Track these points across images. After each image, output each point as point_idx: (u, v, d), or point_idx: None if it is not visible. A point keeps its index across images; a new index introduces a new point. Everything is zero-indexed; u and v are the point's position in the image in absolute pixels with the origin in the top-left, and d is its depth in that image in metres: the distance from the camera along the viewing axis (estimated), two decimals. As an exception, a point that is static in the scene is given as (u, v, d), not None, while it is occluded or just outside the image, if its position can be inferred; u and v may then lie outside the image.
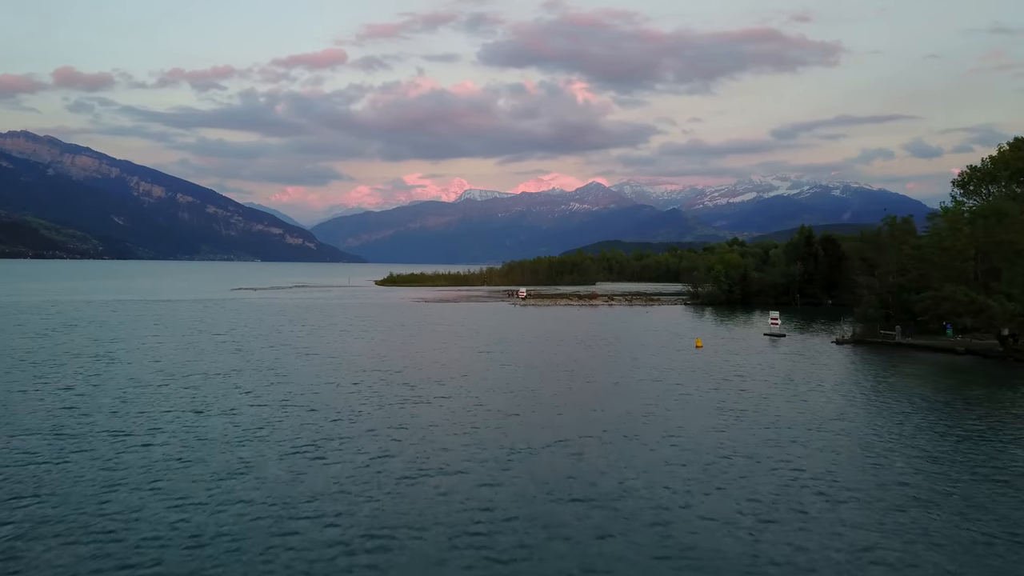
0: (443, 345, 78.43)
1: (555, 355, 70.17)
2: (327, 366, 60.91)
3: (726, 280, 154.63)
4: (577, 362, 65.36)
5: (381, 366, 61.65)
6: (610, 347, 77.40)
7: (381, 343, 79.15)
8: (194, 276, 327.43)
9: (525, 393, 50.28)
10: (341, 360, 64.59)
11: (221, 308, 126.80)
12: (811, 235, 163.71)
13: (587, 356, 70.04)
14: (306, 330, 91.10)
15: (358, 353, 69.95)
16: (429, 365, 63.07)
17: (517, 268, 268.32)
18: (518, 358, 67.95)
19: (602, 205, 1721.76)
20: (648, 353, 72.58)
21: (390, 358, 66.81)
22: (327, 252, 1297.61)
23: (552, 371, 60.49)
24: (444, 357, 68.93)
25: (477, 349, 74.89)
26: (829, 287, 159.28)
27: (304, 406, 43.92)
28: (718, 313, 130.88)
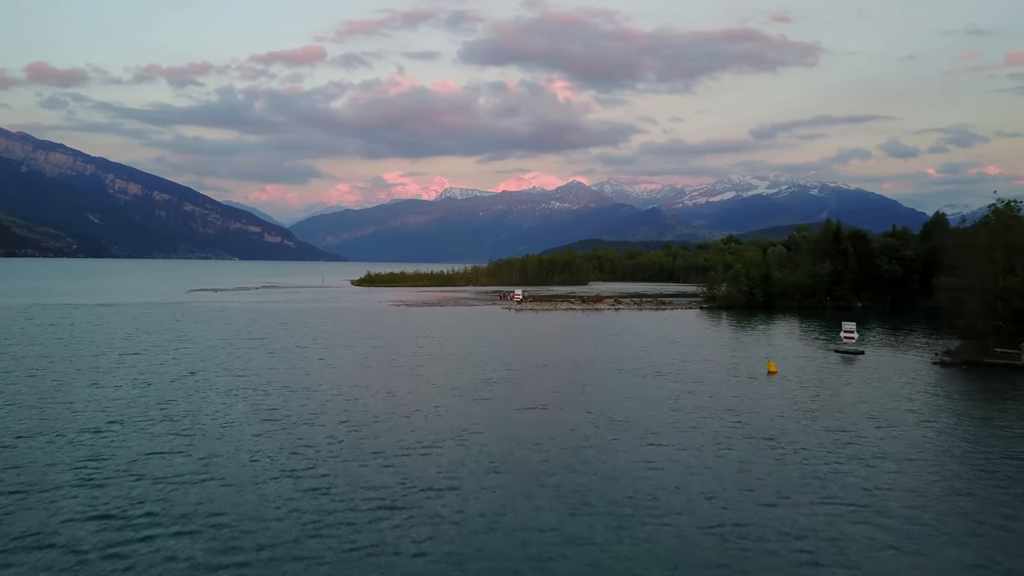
0: (426, 373, 57.38)
1: (586, 391, 49.50)
2: (251, 421, 39.73)
3: (747, 281, 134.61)
4: (629, 406, 44.67)
5: (337, 415, 40.65)
6: (655, 374, 56.84)
7: (343, 372, 57.97)
8: (159, 276, 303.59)
9: (572, 490, 29.39)
10: (278, 405, 43.52)
11: (161, 314, 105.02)
12: (839, 231, 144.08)
13: (632, 392, 49.27)
14: (250, 349, 69.62)
15: (306, 389, 48.86)
16: (406, 414, 42.05)
17: (505, 267, 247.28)
18: (534, 396, 47.21)
19: (582, 204, 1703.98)
20: (712, 384, 52.25)
21: (352, 399, 45.84)
22: (306, 250, 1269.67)
23: (595, 427, 39.68)
24: (428, 397, 47.87)
25: (472, 382, 53.90)
26: (857, 288, 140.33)
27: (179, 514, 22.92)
28: (744, 320, 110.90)
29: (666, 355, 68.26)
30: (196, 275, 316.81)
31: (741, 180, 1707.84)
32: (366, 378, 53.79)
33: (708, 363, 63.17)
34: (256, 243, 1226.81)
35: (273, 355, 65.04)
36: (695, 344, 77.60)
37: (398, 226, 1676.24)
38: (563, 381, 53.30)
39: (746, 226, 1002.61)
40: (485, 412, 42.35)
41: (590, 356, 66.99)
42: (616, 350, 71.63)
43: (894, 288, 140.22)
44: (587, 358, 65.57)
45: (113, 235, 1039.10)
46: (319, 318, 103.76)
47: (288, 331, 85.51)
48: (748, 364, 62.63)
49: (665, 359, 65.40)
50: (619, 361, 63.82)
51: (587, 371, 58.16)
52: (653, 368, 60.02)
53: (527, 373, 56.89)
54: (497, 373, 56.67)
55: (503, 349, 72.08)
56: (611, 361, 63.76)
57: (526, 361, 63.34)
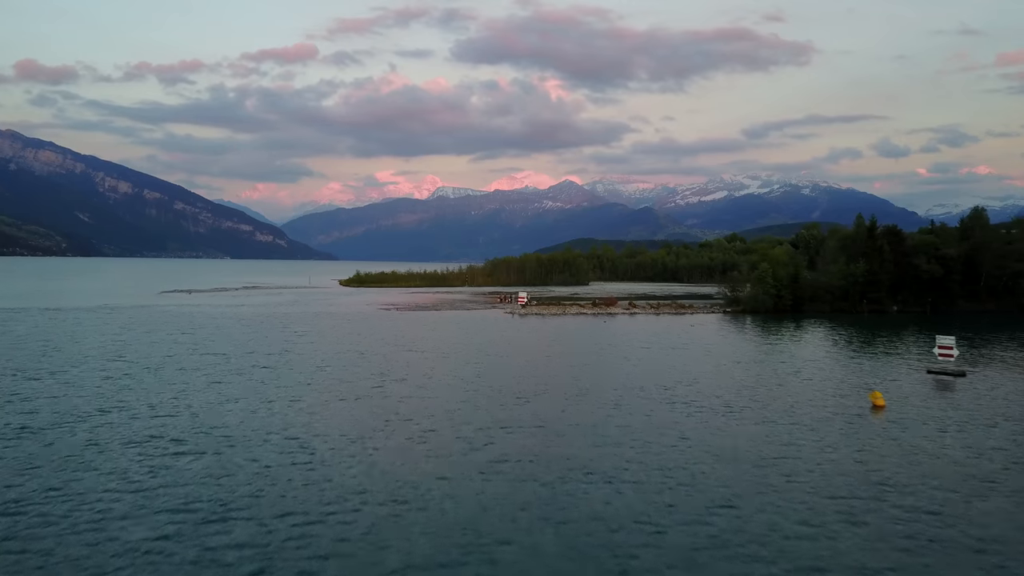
0: (418, 413, 42.69)
1: (645, 443, 34.84)
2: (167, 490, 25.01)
3: (774, 282, 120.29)
4: (715, 473, 30.10)
5: (288, 487, 25.87)
6: (723, 407, 42.38)
7: (312, 405, 43.22)
8: (139, 275, 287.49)
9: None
10: (212, 464, 28.79)
11: (112, 321, 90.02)
12: (874, 226, 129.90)
13: (708, 441, 34.65)
14: (200, 371, 54.80)
15: (252, 432, 34.02)
16: (389, 498, 27.39)
17: (502, 267, 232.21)
18: (577, 454, 32.53)
19: (575, 203, 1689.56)
20: (809, 426, 37.78)
21: (309, 463, 31.01)
22: (298, 249, 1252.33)
23: (700, 523, 25.08)
24: (421, 463, 33.22)
25: (483, 427, 39.27)
26: (893, 290, 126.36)
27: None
28: (777, 326, 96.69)
29: (718, 376, 53.83)
30: (179, 275, 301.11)
31: (733, 180, 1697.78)
32: (336, 423, 39.06)
33: (781, 389, 48.80)
34: (247, 242, 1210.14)
35: (211, 386, 50.14)
36: (745, 360, 63.12)
37: (390, 225, 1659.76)
38: (608, 423, 38.77)
39: (738, 225, 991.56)
40: (511, 488, 27.75)
41: (627, 378, 52.50)
42: (654, 368, 57.18)
43: (933, 290, 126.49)
44: (625, 381, 51.08)
45: (103, 234, 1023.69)
46: (295, 326, 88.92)
47: (251, 344, 70.61)
48: (833, 391, 48.30)
49: (722, 383, 50.97)
50: (667, 386, 49.36)
51: (633, 402, 43.68)
52: (715, 397, 45.61)
53: (555, 408, 42.37)
54: (514, 411, 42.07)
55: (516, 369, 57.48)
56: (657, 386, 49.29)
57: (549, 386, 48.85)
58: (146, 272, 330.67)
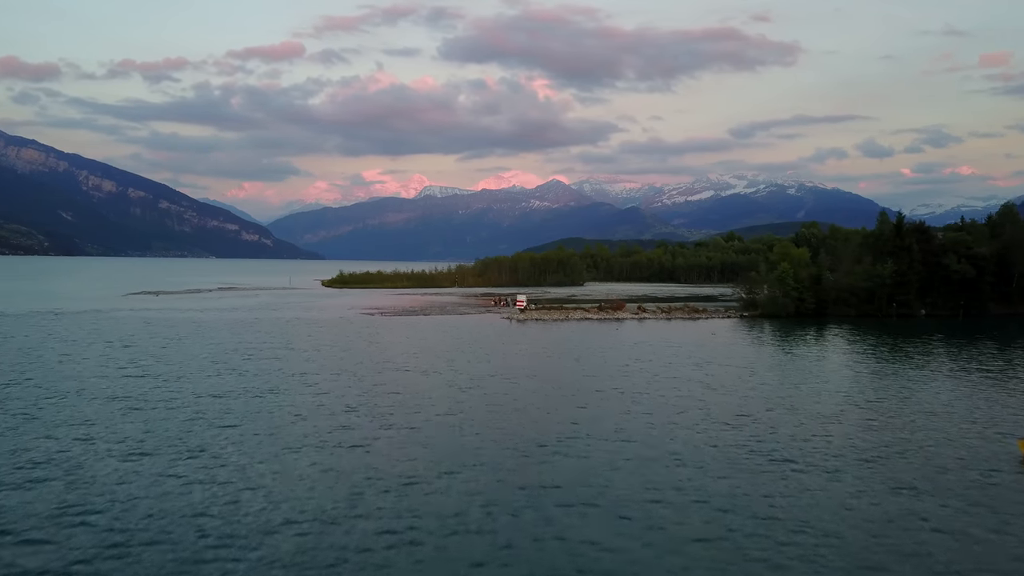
0: (400, 466, 30.58)
1: (728, 528, 22.74)
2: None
3: (795, 284, 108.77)
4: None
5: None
6: (825, 463, 30.43)
7: (243, 469, 30.93)
8: (112, 275, 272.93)
9: None
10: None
11: (50, 328, 77.15)
12: (901, 223, 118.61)
13: (818, 517, 22.56)
14: (128, 403, 42.33)
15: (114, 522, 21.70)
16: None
17: (494, 266, 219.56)
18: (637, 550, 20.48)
19: (562, 203, 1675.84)
20: (946, 486, 25.71)
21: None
22: (284, 248, 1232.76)
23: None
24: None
25: (496, 496, 27.10)
26: (921, 292, 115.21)
27: None
28: (805, 332, 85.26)
29: (792, 412, 41.86)
30: (155, 275, 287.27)
31: (720, 179, 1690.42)
32: (278, 505, 26.79)
33: (890, 433, 36.90)
34: (233, 241, 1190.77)
35: (204, 407, 37.72)
36: (809, 383, 51.23)
37: (377, 224, 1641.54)
38: (680, 490, 26.68)
39: (725, 225, 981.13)
40: None
41: (670, 407, 40.47)
42: (697, 390, 45.21)
43: (963, 292, 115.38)
44: (670, 414, 39.05)
45: (86, 233, 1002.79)
46: (261, 335, 76.40)
47: (194, 362, 58.09)
48: (946, 431, 36.45)
49: (802, 423, 39.06)
50: (729, 429, 37.37)
51: (698, 457, 31.65)
52: (809, 448, 33.60)
53: (584, 454, 30.28)
54: (532, 459, 29.89)
55: (525, 394, 45.33)
56: (716, 426, 37.31)
57: (578, 427, 36.72)
58: (122, 272, 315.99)
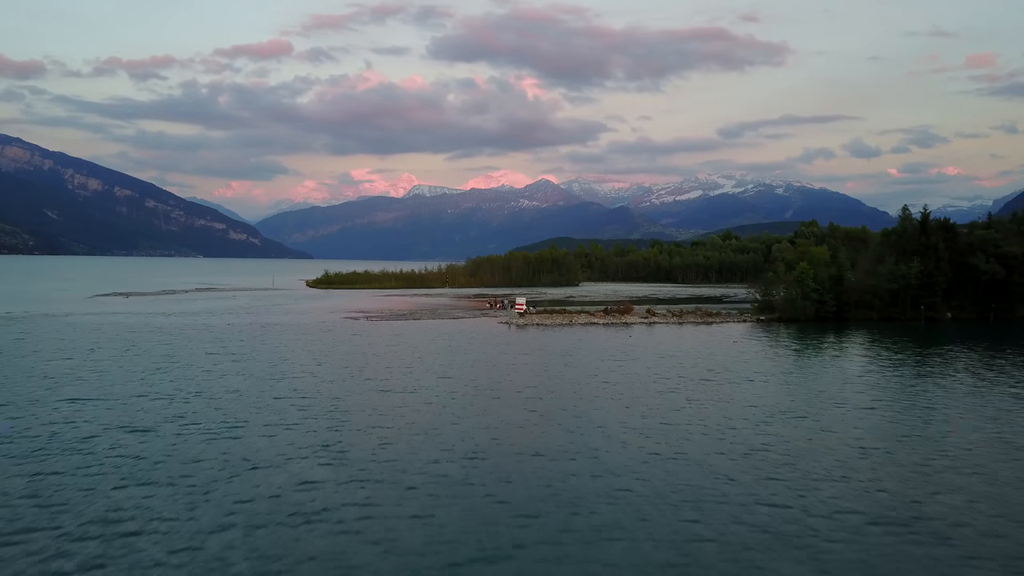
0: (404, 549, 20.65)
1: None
2: None
3: (815, 286, 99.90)
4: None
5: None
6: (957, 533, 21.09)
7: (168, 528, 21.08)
8: (89, 275, 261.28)
9: None
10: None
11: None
12: (927, 220, 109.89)
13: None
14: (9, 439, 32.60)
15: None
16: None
17: (486, 266, 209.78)
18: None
19: (551, 202, 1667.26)
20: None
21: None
22: (272, 248, 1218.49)
23: None
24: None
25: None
26: (947, 294, 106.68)
27: None
28: (831, 338, 76.45)
29: (899, 447, 32.64)
30: (134, 275, 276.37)
31: (708, 179, 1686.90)
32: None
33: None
34: (221, 240, 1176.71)
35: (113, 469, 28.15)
36: (888, 410, 42.06)
37: (366, 224, 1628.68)
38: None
39: (713, 224, 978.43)
40: None
41: (724, 446, 31.17)
42: (745, 421, 35.91)
43: (991, 294, 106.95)
44: (738, 467, 29.77)
45: (72, 232, 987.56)
46: (228, 344, 66.64)
47: (137, 378, 48.37)
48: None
49: (912, 469, 29.85)
50: (815, 482, 28.09)
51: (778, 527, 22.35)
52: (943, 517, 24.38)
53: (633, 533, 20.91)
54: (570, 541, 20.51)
55: (539, 429, 35.87)
56: (799, 479, 28.01)
57: (603, 470, 27.35)
58: (102, 272, 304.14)
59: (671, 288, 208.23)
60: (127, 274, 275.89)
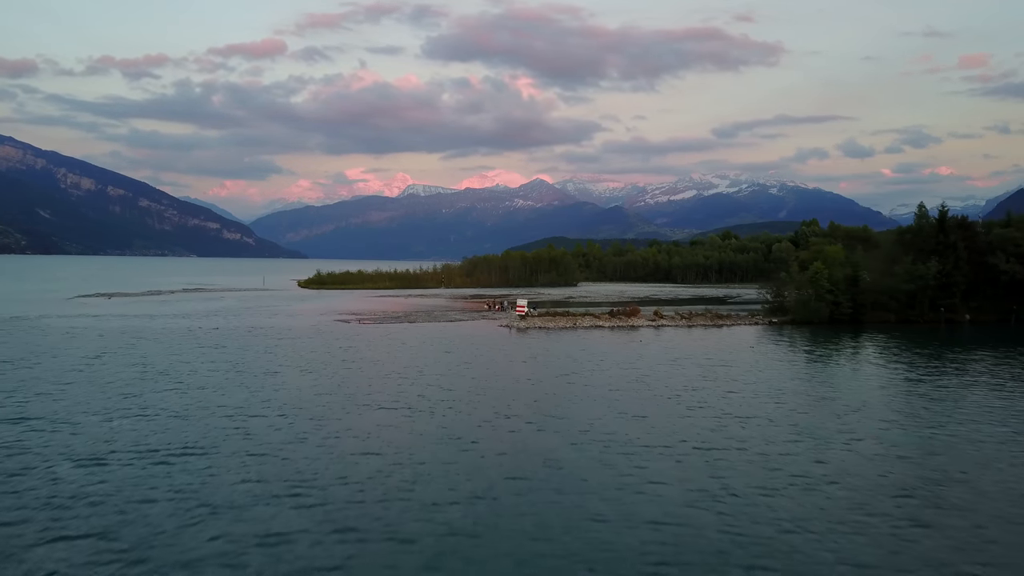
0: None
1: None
2: None
3: (830, 286, 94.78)
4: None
5: None
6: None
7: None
8: (77, 275, 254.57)
9: None
10: None
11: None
12: (945, 218, 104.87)
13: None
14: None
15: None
16: None
17: (482, 265, 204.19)
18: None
19: (546, 202, 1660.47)
20: None
21: None
22: (266, 247, 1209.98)
23: None
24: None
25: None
26: (965, 295, 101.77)
27: None
28: (853, 343, 71.38)
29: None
30: (125, 274, 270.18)
31: (702, 179, 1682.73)
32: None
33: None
34: (215, 240, 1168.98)
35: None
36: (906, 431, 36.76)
37: (360, 223, 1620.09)
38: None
39: (707, 224, 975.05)
40: None
41: (763, 477, 25.82)
42: (788, 445, 30.58)
43: (1012, 295, 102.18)
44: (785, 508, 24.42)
45: (65, 231, 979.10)
46: (207, 351, 61.08)
47: (104, 389, 42.85)
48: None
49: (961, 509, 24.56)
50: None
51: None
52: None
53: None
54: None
55: (554, 455, 30.46)
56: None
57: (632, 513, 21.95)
58: (91, 271, 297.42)
59: (671, 288, 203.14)
60: (116, 274, 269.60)
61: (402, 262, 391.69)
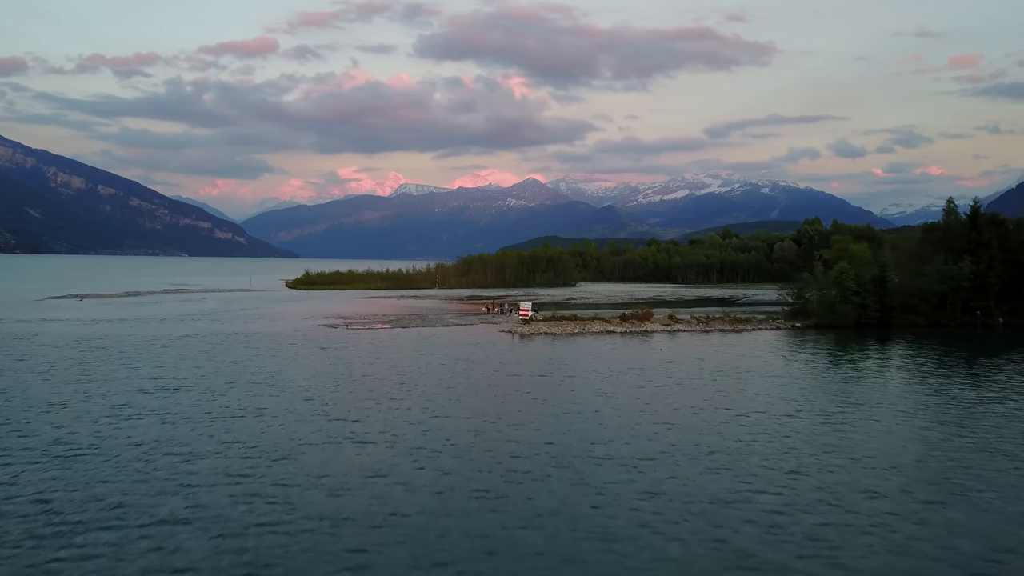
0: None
1: None
2: None
3: (857, 288, 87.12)
4: None
5: None
6: None
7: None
8: (57, 275, 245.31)
9: None
10: None
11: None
12: (977, 214, 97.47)
13: None
14: None
15: None
16: None
17: (478, 265, 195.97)
18: None
19: (538, 201, 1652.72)
20: None
21: None
22: (258, 247, 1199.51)
23: None
24: None
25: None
26: (999, 296, 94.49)
27: None
28: (885, 351, 63.57)
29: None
30: (109, 274, 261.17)
31: (694, 178, 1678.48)
32: None
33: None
34: (206, 239, 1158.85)
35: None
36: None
37: (352, 222, 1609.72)
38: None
39: (699, 224, 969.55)
40: None
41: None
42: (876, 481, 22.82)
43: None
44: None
45: (55, 230, 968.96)
46: (173, 362, 52.87)
47: (33, 419, 34.60)
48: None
49: None
50: None
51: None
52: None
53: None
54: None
55: (588, 503, 22.43)
56: None
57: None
58: (74, 271, 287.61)
59: (673, 288, 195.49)
60: (100, 274, 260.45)
61: (394, 261, 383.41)
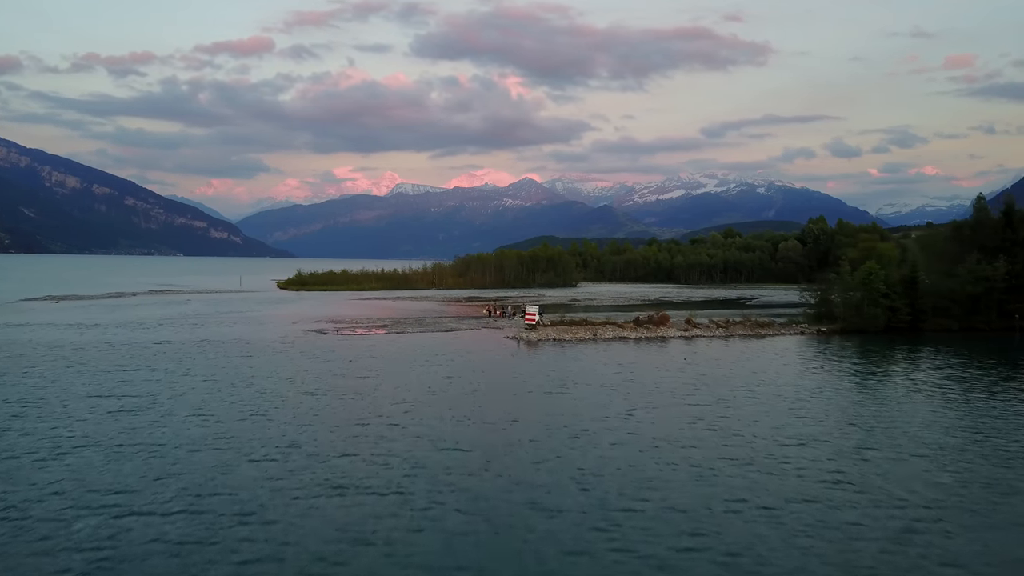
0: None
1: None
2: None
3: (886, 290, 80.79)
4: None
5: None
6: None
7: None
8: (41, 275, 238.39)
9: None
10: None
11: None
12: (1011, 209, 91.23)
13: None
14: None
15: None
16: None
17: (476, 265, 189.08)
18: None
19: (535, 201, 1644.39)
20: None
21: None
22: (254, 246, 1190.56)
23: None
24: None
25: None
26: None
27: None
28: (931, 362, 57.21)
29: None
30: (98, 275, 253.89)
31: (691, 178, 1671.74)
32: None
33: None
34: (202, 239, 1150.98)
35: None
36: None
37: (348, 222, 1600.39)
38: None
39: (695, 224, 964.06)
40: None
41: None
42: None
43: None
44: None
45: (49, 230, 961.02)
46: (131, 378, 46.35)
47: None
48: None
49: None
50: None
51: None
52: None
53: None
54: None
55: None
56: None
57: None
58: (60, 271, 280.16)
59: (677, 289, 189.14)
60: (87, 274, 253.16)
61: (390, 261, 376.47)
